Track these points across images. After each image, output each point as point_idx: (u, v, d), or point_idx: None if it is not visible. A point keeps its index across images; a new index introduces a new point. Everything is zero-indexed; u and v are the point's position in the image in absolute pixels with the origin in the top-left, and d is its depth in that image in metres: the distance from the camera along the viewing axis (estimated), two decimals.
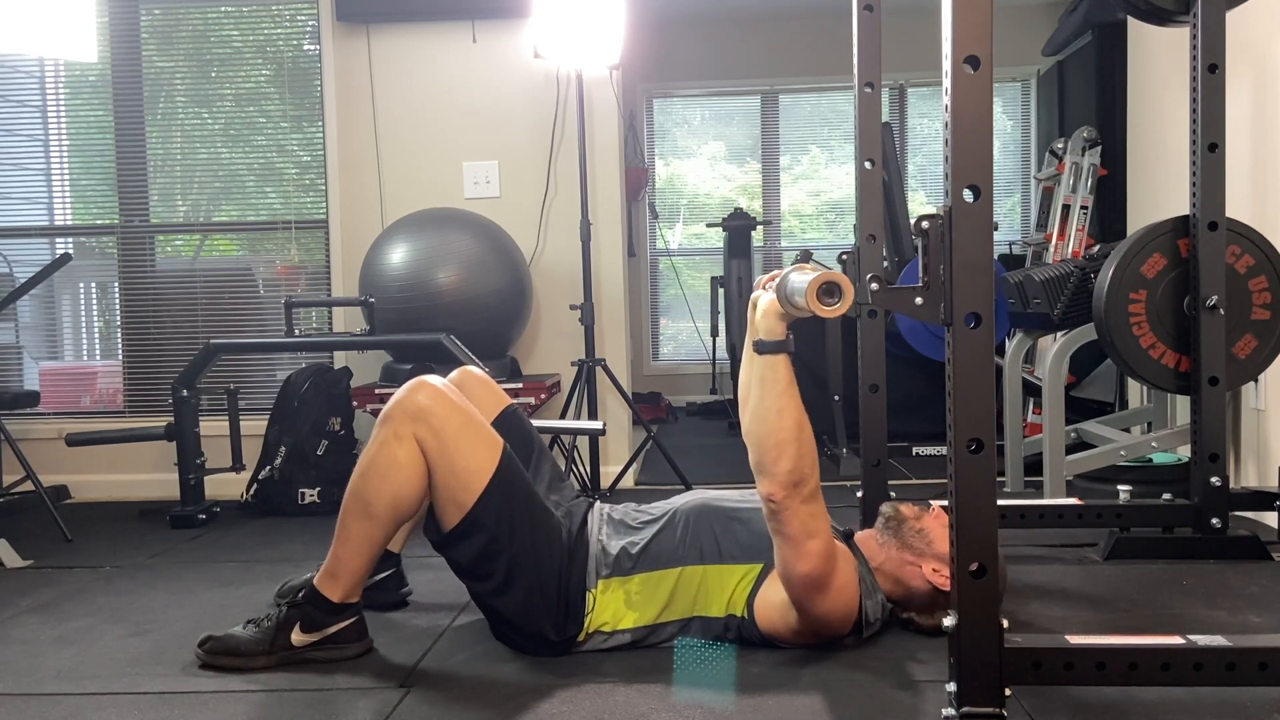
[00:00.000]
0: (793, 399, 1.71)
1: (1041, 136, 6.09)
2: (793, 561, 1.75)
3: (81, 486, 3.84)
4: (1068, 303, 3.20)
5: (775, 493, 1.70)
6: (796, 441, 1.69)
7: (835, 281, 1.50)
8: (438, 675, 1.85)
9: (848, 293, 1.49)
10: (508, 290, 3.45)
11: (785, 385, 1.71)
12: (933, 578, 1.92)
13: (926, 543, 1.94)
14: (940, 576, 1.91)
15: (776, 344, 1.72)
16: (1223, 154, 2.39)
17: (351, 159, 3.87)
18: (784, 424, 1.69)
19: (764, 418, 1.72)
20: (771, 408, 1.71)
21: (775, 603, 1.84)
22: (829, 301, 1.49)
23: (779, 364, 1.71)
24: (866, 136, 2.45)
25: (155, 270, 4.03)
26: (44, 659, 1.99)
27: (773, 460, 1.70)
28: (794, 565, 1.75)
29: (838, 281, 1.50)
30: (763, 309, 1.75)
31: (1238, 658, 1.50)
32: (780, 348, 1.72)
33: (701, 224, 6.68)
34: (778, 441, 1.69)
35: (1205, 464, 2.46)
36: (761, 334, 1.73)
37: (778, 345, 1.72)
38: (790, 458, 1.69)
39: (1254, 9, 2.68)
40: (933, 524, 1.96)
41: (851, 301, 1.50)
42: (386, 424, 1.84)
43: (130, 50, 3.96)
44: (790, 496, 1.70)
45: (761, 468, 1.72)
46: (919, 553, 1.94)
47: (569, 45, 3.34)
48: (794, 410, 1.70)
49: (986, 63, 1.40)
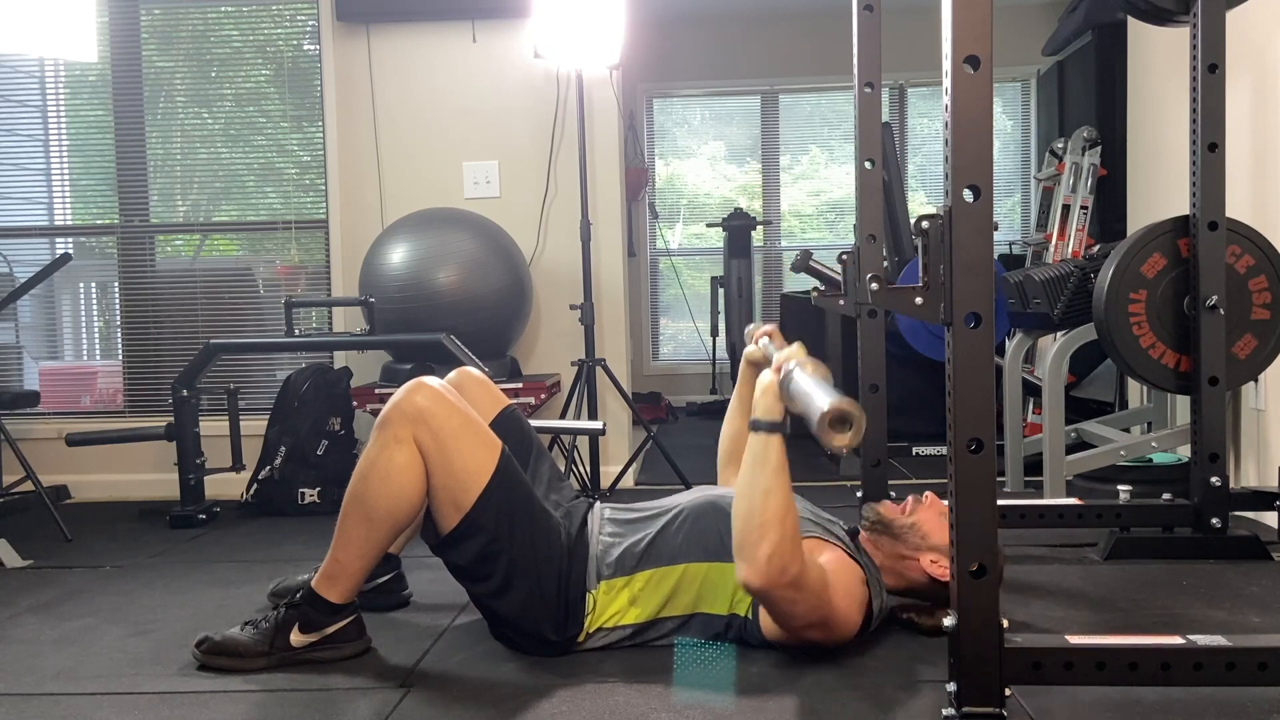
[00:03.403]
0: (782, 481, 1.66)
1: (1041, 136, 6.09)
2: (787, 631, 1.77)
3: (81, 486, 3.84)
4: (1068, 303, 3.20)
5: (753, 581, 1.65)
6: (780, 525, 1.63)
7: (848, 412, 1.39)
8: (438, 675, 1.85)
9: (859, 426, 1.38)
10: (508, 290, 3.45)
11: (776, 466, 1.66)
12: (931, 569, 1.92)
13: (921, 536, 1.94)
14: (939, 567, 1.91)
15: (772, 424, 1.68)
16: (1223, 154, 2.39)
17: (351, 159, 3.87)
18: (769, 506, 1.64)
19: (750, 497, 1.67)
20: (759, 488, 1.66)
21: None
22: (841, 429, 1.38)
23: (772, 444, 1.67)
24: (866, 136, 2.45)
25: (155, 270, 4.03)
26: (44, 659, 1.99)
27: (753, 543, 1.64)
28: (789, 633, 1.77)
29: (850, 412, 1.39)
30: (763, 387, 1.71)
31: (1238, 658, 1.50)
32: (775, 429, 1.68)
33: (701, 224, 6.68)
34: (761, 524, 1.64)
35: (1205, 464, 2.46)
36: (759, 412, 1.69)
37: (773, 426, 1.68)
38: (771, 542, 1.63)
39: (1254, 9, 2.68)
40: (924, 514, 1.96)
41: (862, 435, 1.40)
42: (385, 427, 1.83)
43: (130, 50, 3.96)
44: (771, 586, 1.65)
45: (741, 550, 1.66)
46: (915, 547, 1.94)
47: (569, 45, 3.34)
48: (781, 493, 1.65)
49: (986, 63, 1.41)
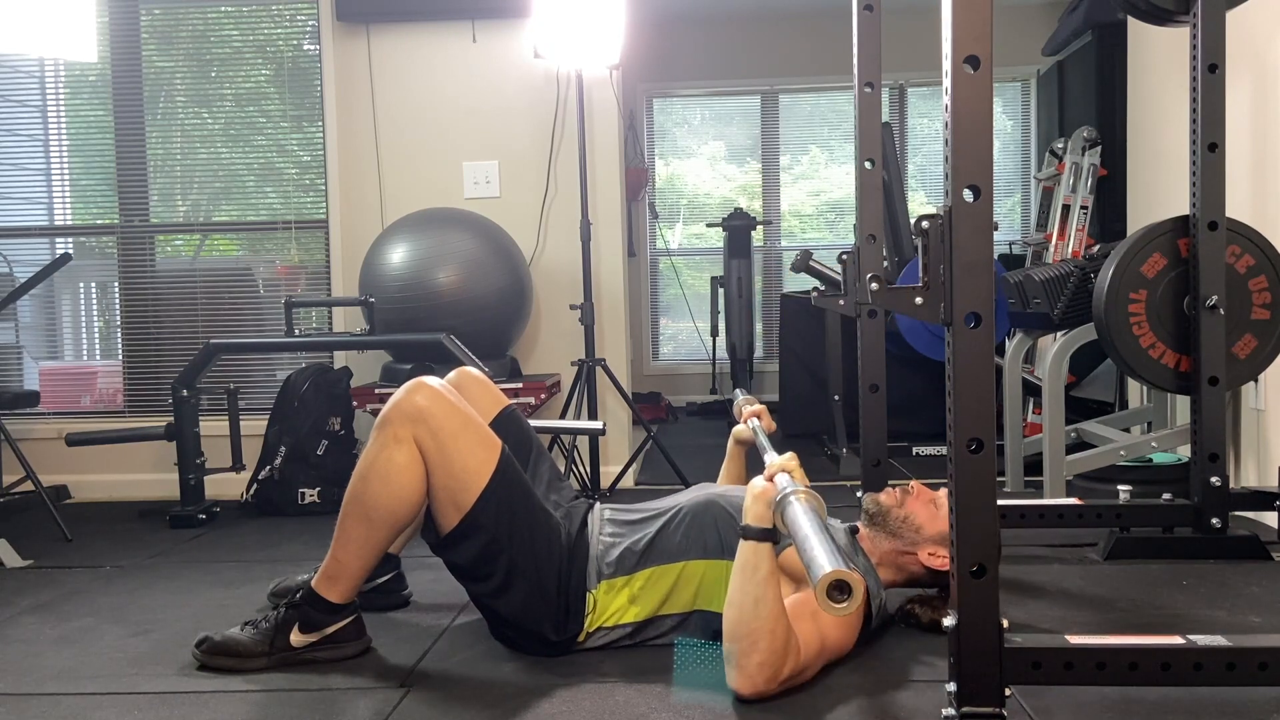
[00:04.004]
0: (771, 589, 1.63)
1: (1041, 136, 6.09)
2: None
3: (81, 486, 3.84)
4: (1068, 303, 3.20)
5: (744, 690, 1.63)
6: (770, 635, 1.62)
7: (847, 581, 1.31)
8: (438, 675, 1.85)
9: (857, 593, 1.31)
10: (508, 290, 3.45)
11: (766, 575, 1.64)
12: (930, 562, 1.92)
13: (915, 529, 1.94)
14: (937, 559, 1.91)
15: (763, 531, 1.66)
16: (1223, 154, 2.39)
17: (351, 159, 3.87)
18: (759, 614, 1.62)
19: (740, 605, 1.64)
20: (750, 596, 1.63)
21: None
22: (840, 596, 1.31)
23: (763, 552, 1.65)
24: (866, 136, 2.45)
25: (155, 270, 4.03)
26: (44, 659, 1.99)
27: (744, 651, 1.62)
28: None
29: (849, 581, 1.31)
30: (754, 494, 1.69)
31: (1238, 658, 1.50)
32: (767, 535, 1.66)
33: (701, 224, 6.68)
34: (751, 631, 1.62)
35: (1205, 464, 2.46)
36: (749, 519, 1.68)
37: (764, 534, 1.66)
38: (762, 651, 1.61)
39: (1254, 9, 2.68)
40: (916, 507, 1.96)
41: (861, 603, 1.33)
42: (385, 427, 1.83)
43: (130, 50, 3.96)
44: (764, 694, 1.63)
45: (731, 658, 1.65)
46: (911, 542, 1.94)
47: (569, 45, 3.34)
48: (771, 601, 1.62)
49: (986, 63, 1.40)
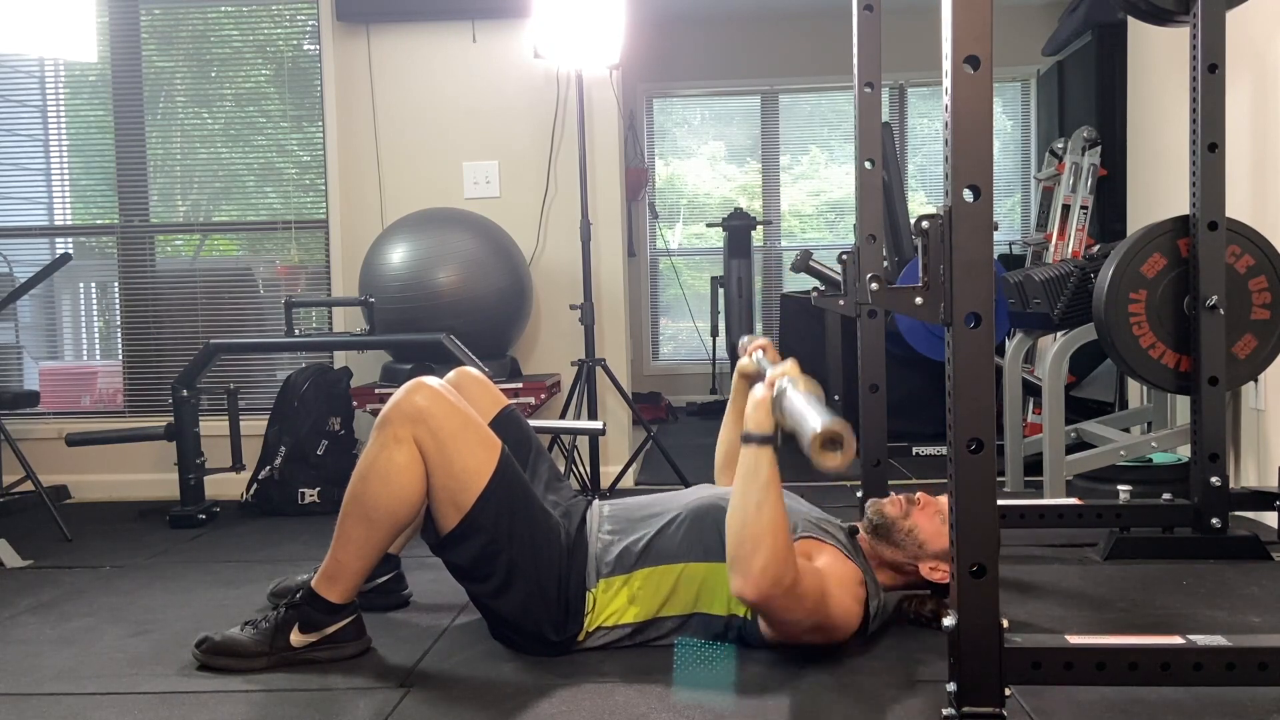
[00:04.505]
0: (773, 494, 1.67)
1: (1041, 136, 6.09)
2: (783, 636, 1.78)
3: (81, 486, 3.84)
4: (1068, 303, 3.20)
5: (747, 593, 1.66)
6: (773, 539, 1.64)
7: (838, 434, 1.41)
8: (438, 675, 1.85)
9: (849, 448, 1.40)
10: (508, 290, 3.45)
11: (767, 480, 1.67)
12: (931, 576, 1.92)
13: (918, 544, 1.93)
14: (939, 573, 1.91)
15: (763, 438, 1.69)
16: (1223, 154, 2.39)
17: (351, 159, 3.87)
18: (762, 519, 1.65)
19: (742, 509, 1.68)
20: (752, 501, 1.67)
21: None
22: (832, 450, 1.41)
23: (764, 457, 1.68)
24: (866, 136, 2.45)
25: (155, 270, 4.03)
26: (44, 659, 1.99)
27: (746, 555, 1.65)
28: (786, 637, 1.78)
29: (840, 434, 1.41)
30: (755, 401, 1.72)
31: (1238, 658, 1.50)
32: (767, 442, 1.69)
33: (701, 224, 6.68)
34: (754, 535, 1.65)
35: (1205, 464, 2.46)
36: (750, 426, 1.71)
37: (764, 439, 1.69)
38: (764, 555, 1.64)
39: (1254, 9, 2.68)
40: (921, 520, 1.95)
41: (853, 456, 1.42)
42: (385, 427, 1.83)
43: (130, 50, 3.96)
44: (765, 598, 1.66)
45: (735, 563, 1.68)
46: (914, 555, 1.94)
47: (569, 45, 3.34)
48: (772, 506, 1.66)
49: (986, 63, 1.40)
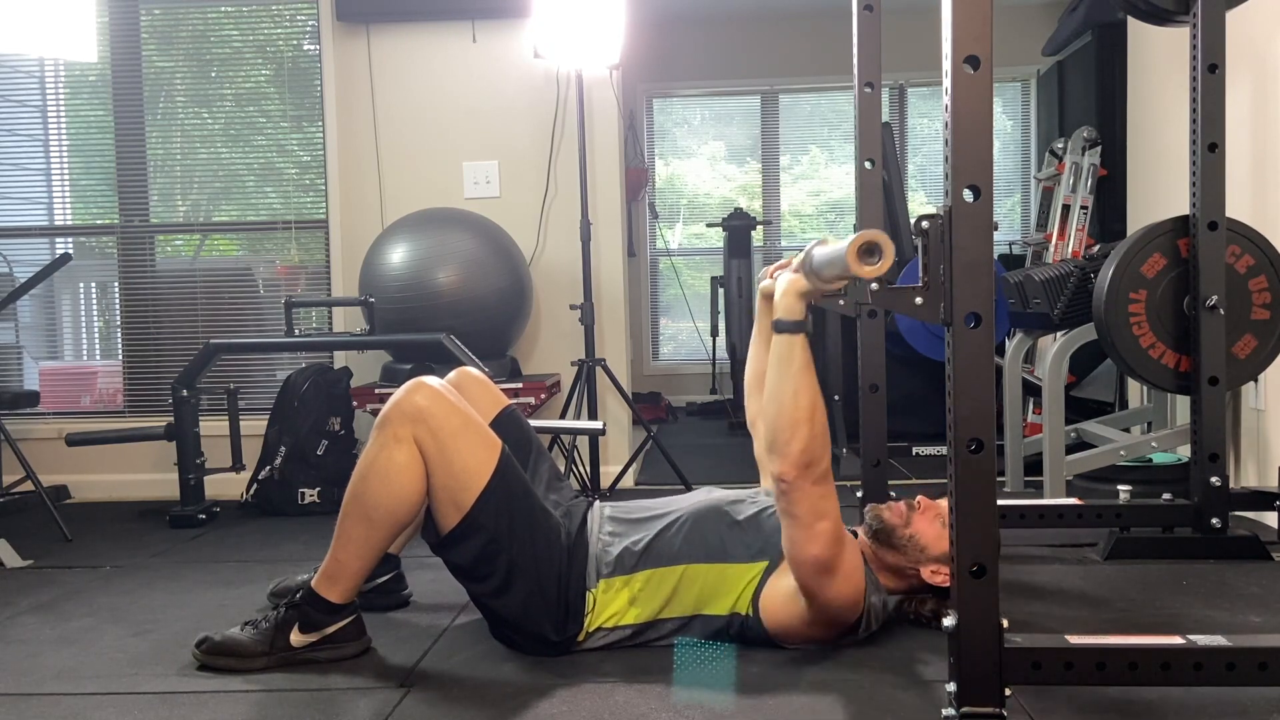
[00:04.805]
0: (808, 379, 1.71)
1: (1041, 136, 6.09)
2: (802, 543, 1.74)
3: (81, 486, 3.84)
4: (1068, 303, 3.20)
5: (786, 472, 1.70)
6: (810, 422, 1.69)
7: (875, 241, 1.42)
8: (438, 675, 1.85)
9: (888, 251, 1.41)
10: (508, 290, 3.45)
11: (801, 366, 1.71)
12: (932, 579, 1.92)
13: (920, 549, 1.93)
14: (940, 577, 1.91)
15: (795, 324, 1.72)
16: (1223, 154, 2.39)
17: (351, 159, 3.87)
18: (799, 404, 1.70)
19: (779, 397, 1.72)
20: (788, 388, 1.71)
21: (782, 594, 1.84)
22: (870, 261, 1.42)
23: (796, 344, 1.72)
24: (866, 136, 2.46)
25: (155, 270, 4.03)
26: (44, 659, 1.99)
27: (785, 440, 1.70)
28: (803, 547, 1.74)
29: (877, 241, 1.42)
30: (783, 288, 1.75)
31: (1238, 658, 1.50)
32: (798, 328, 1.72)
33: (701, 224, 6.68)
34: (792, 421, 1.70)
35: (1205, 464, 2.46)
36: (780, 313, 1.74)
37: (796, 325, 1.72)
38: (803, 438, 1.69)
39: (1254, 9, 2.68)
40: (922, 525, 1.95)
41: (892, 260, 1.43)
42: (385, 426, 1.83)
43: (130, 50, 3.96)
44: (801, 477, 1.70)
45: (774, 447, 1.72)
46: (915, 560, 1.94)
47: (569, 45, 3.34)
48: (809, 391, 1.71)
49: (986, 63, 1.40)
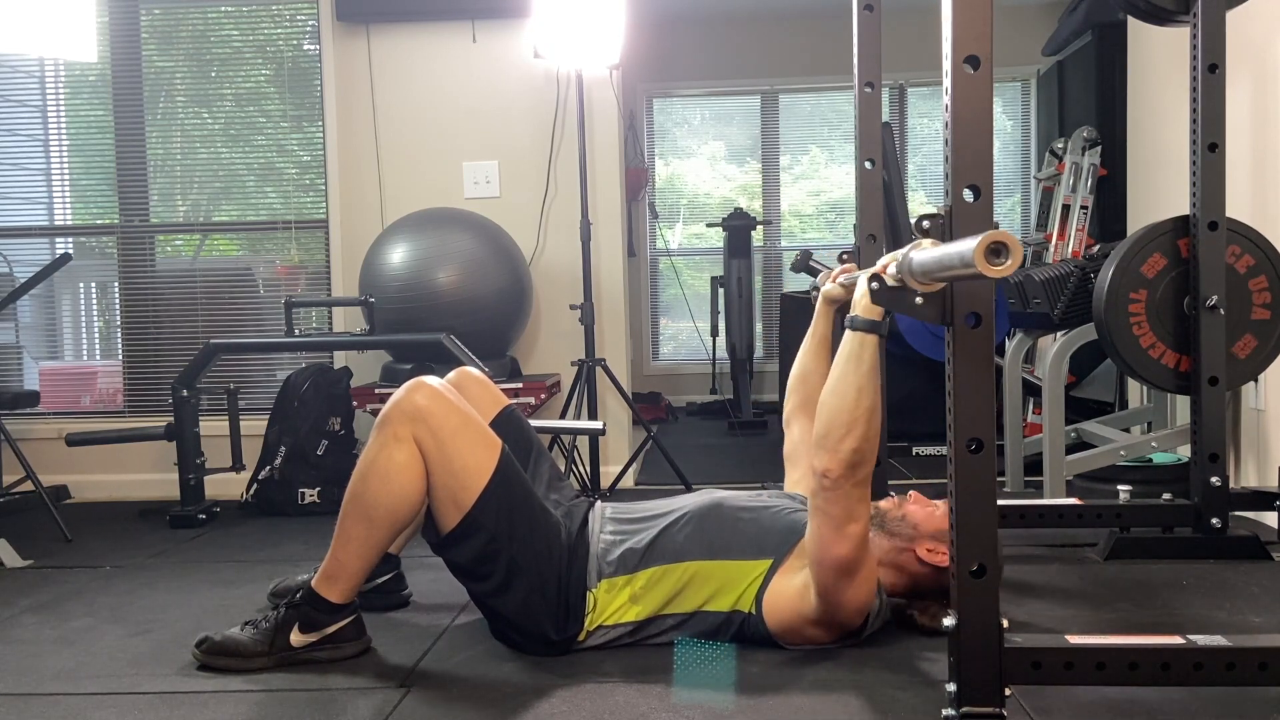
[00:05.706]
0: (873, 382, 1.71)
1: (1041, 136, 6.09)
2: (830, 543, 1.74)
3: (81, 486, 3.84)
4: (1068, 303, 3.20)
5: (832, 469, 1.70)
6: (866, 424, 1.69)
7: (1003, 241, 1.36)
8: (438, 675, 1.85)
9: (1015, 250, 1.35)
10: (508, 290, 3.45)
11: (870, 367, 1.71)
12: (929, 557, 1.92)
13: (913, 527, 1.95)
14: (936, 555, 1.91)
15: (871, 323, 1.71)
16: (1223, 154, 2.39)
17: (351, 159, 3.87)
18: (860, 404, 1.69)
19: (842, 394, 1.71)
20: (852, 385, 1.70)
21: (787, 592, 1.84)
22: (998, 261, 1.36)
23: (869, 344, 1.71)
24: (866, 136, 2.46)
25: (155, 270, 4.03)
26: (44, 659, 1.99)
27: (839, 437, 1.69)
28: (830, 547, 1.74)
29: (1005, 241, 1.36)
30: (864, 288, 1.71)
31: (1238, 658, 1.50)
32: (874, 328, 1.71)
33: (701, 224, 6.68)
34: (850, 419, 1.69)
35: (1205, 464, 2.46)
36: (859, 310, 1.72)
37: (871, 325, 1.71)
38: (856, 438, 1.69)
39: (1254, 9, 2.68)
40: (913, 509, 1.98)
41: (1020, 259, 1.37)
42: (385, 426, 1.84)
43: (130, 50, 3.96)
44: (845, 477, 1.70)
45: (825, 442, 1.72)
46: (909, 539, 1.95)
47: (569, 45, 3.34)
48: (871, 393, 1.70)
49: (986, 63, 1.41)
